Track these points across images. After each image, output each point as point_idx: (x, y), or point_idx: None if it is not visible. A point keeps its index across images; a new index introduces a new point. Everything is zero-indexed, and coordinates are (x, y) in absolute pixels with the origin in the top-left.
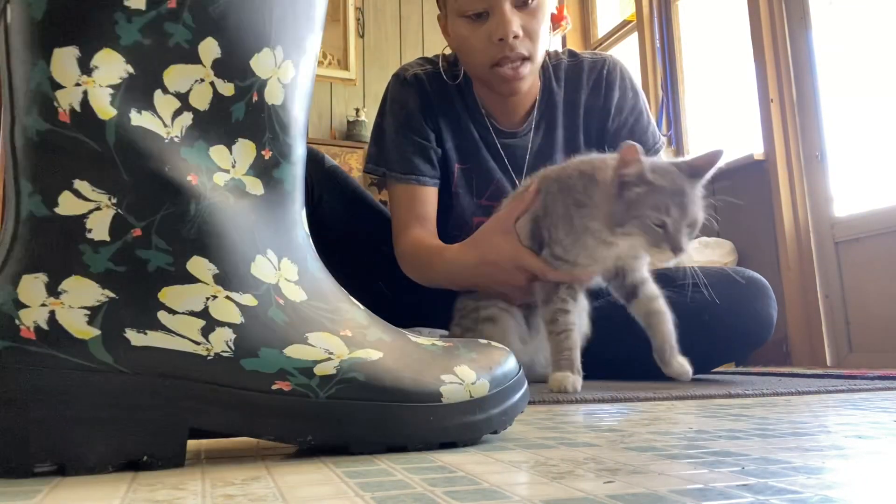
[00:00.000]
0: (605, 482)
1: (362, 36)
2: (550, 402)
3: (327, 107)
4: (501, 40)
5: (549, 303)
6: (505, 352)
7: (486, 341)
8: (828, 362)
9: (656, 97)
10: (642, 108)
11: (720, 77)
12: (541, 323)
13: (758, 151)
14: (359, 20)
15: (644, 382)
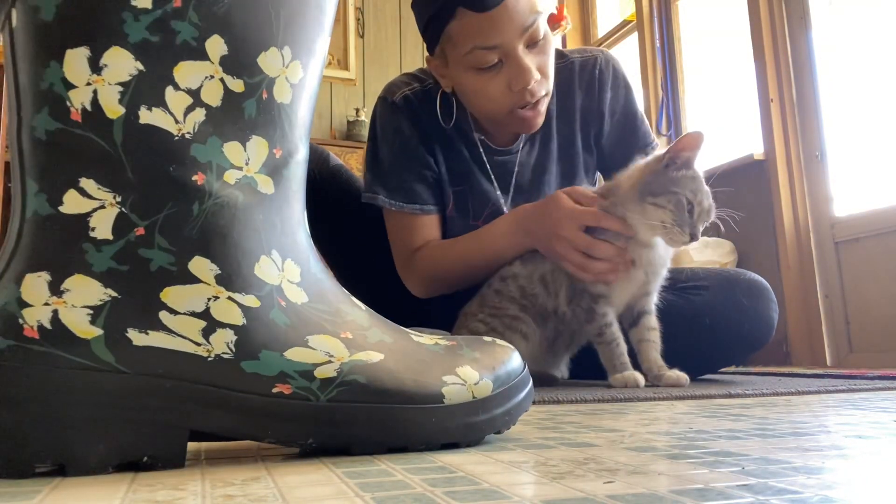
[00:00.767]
0: (605, 482)
1: (362, 36)
2: (550, 403)
3: (327, 107)
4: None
5: (593, 321)
6: (509, 349)
7: (491, 339)
8: (828, 362)
9: (656, 97)
10: (634, 108)
11: (720, 77)
12: (561, 347)
13: (758, 151)
14: (359, 20)
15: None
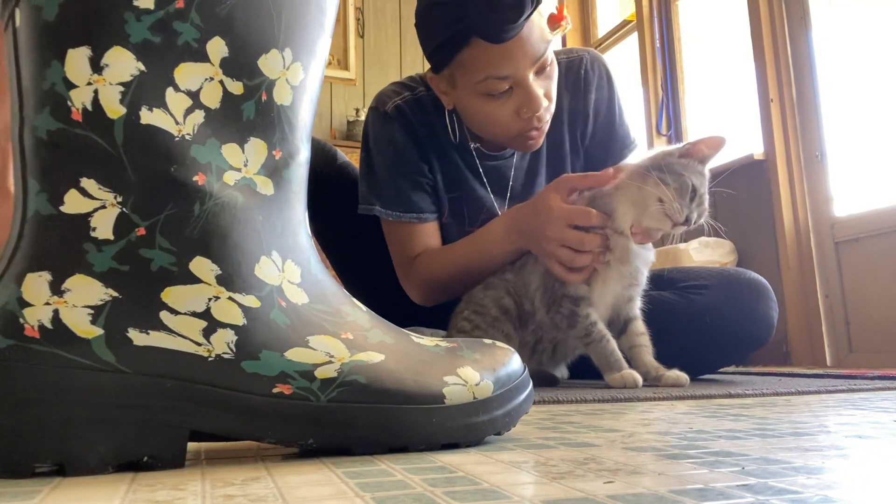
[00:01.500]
0: (605, 482)
1: (362, 36)
2: (550, 403)
3: (327, 107)
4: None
5: (576, 325)
6: (509, 352)
7: (491, 341)
8: (828, 362)
9: (656, 97)
10: (616, 107)
11: (720, 77)
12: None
13: (758, 151)
14: (359, 20)
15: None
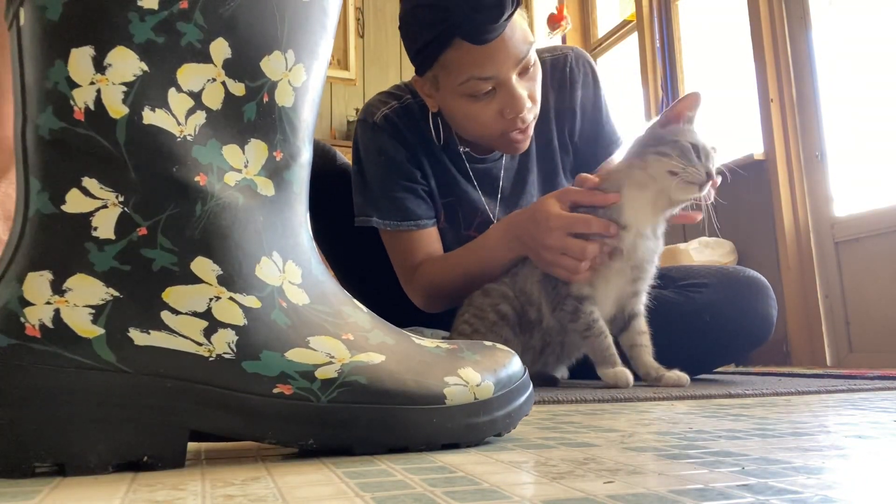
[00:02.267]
0: (605, 482)
1: (362, 36)
2: (550, 403)
3: (327, 107)
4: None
5: (579, 319)
6: (509, 353)
7: (491, 343)
8: (828, 362)
9: (656, 97)
10: (602, 103)
11: (720, 77)
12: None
13: (758, 151)
14: (359, 20)
15: (644, 382)
